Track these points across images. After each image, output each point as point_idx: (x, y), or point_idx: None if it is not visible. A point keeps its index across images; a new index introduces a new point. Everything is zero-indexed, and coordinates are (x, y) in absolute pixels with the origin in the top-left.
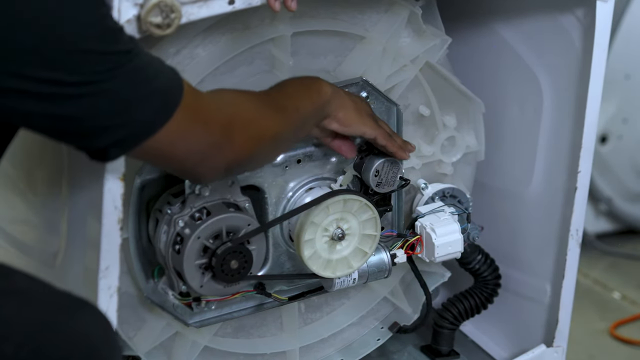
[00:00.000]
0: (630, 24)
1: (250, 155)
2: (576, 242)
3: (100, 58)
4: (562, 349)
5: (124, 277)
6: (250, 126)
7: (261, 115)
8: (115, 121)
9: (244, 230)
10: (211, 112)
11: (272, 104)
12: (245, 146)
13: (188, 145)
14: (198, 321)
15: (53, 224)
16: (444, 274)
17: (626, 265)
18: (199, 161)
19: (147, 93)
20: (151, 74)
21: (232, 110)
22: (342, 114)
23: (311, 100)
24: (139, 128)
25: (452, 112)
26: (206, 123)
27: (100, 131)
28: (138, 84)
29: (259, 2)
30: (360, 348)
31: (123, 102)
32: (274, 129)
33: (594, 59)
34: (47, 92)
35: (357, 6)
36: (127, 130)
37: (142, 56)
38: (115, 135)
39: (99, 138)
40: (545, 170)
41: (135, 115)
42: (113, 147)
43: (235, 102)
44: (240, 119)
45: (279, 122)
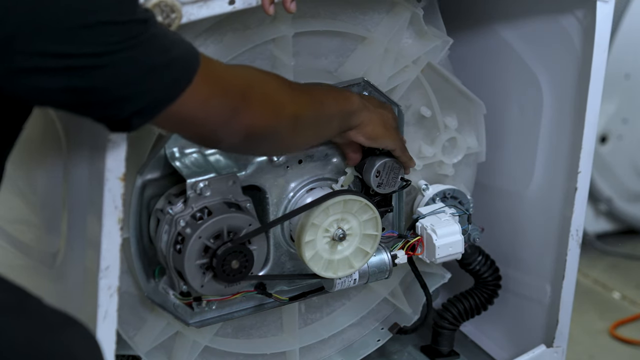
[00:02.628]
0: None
1: (267, 125)
2: (576, 242)
3: (117, 28)
4: (562, 349)
5: (124, 277)
6: (269, 97)
7: (281, 92)
8: (136, 89)
9: (245, 230)
10: (229, 79)
11: (296, 88)
12: (263, 115)
13: (208, 109)
14: (198, 321)
15: (53, 224)
16: (444, 275)
17: (626, 265)
18: (219, 125)
19: (165, 61)
20: (168, 42)
21: (252, 80)
22: (369, 129)
23: (337, 103)
24: (160, 95)
25: (453, 113)
26: (224, 88)
27: (123, 100)
28: (156, 52)
29: (259, 3)
30: (361, 349)
31: (142, 71)
32: (292, 108)
33: (594, 59)
34: (67, 66)
35: (359, 7)
36: (148, 98)
37: (158, 26)
38: (138, 103)
39: (122, 107)
40: (545, 171)
41: (155, 83)
42: (135, 116)
43: (256, 74)
44: (259, 88)
45: (299, 104)
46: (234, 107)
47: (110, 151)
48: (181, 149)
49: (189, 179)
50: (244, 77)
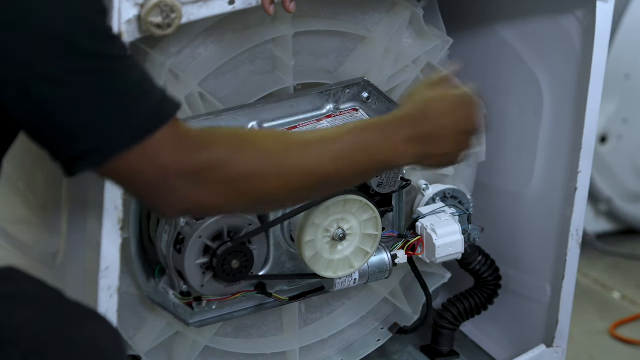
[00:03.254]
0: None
1: (220, 206)
2: (576, 242)
3: (86, 56)
4: (562, 349)
5: (124, 277)
6: (229, 180)
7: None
8: (84, 129)
9: (245, 230)
10: (188, 152)
11: (281, 165)
12: (216, 197)
13: (150, 177)
14: (199, 321)
15: (53, 224)
16: (445, 275)
17: (626, 265)
18: (158, 196)
19: (124, 109)
20: (136, 91)
21: (215, 158)
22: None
23: (367, 163)
24: (106, 144)
25: None
26: (178, 162)
27: (68, 138)
28: (117, 97)
29: (259, 3)
30: (361, 349)
31: (98, 111)
32: (264, 190)
33: (594, 59)
34: (20, 79)
35: (359, 7)
36: (93, 144)
37: (132, 72)
38: (82, 146)
39: (66, 147)
40: (545, 171)
41: (103, 128)
42: (80, 159)
43: (224, 150)
44: (219, 170)
45: (275, 185)
46: (180, 184)
47: None
48: None
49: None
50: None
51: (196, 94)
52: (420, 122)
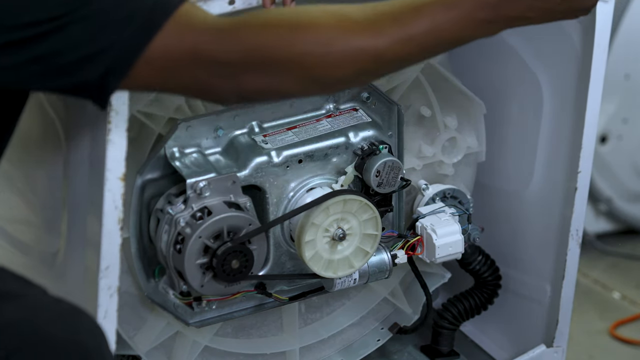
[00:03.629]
0: (630, 24)
1: (274, 92)
2: (576, 242)
3: None
4: (562, 349)
5: (124, 277)
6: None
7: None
8: (98, 45)
9: (245, 230)
10: (213, 31)
11: (327, 28)
12: (262, 85)
13: (181, 66)
14: (198, 321)
15: (53, 224)
16: (444, 275)
17: (626, 265)
18: (202, 86)
19: (128, 12)
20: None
21: (252, 44)
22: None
23: (432, 42)
24: (122, 48)
25: (453, 113)
26: (205, 42)
27: (88, 60)
28: (119, 3)
29: (259, 3)
30: (361, 349)
31: (102, 26)
32: (326, 73)
33: (594, 59)
34: (26, 37)
35: None
36: (114, 51)
37: None
38: (104, 60)
39: (90, 69)
40: (545, 171)
41: (115, 36)
42: (109, 76)
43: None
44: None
45: (334, 67)
46: (213, 71)
47: (110, 151)
48: (181, 148)
49: (189, 179)
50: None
51: None
52: (501, 7)
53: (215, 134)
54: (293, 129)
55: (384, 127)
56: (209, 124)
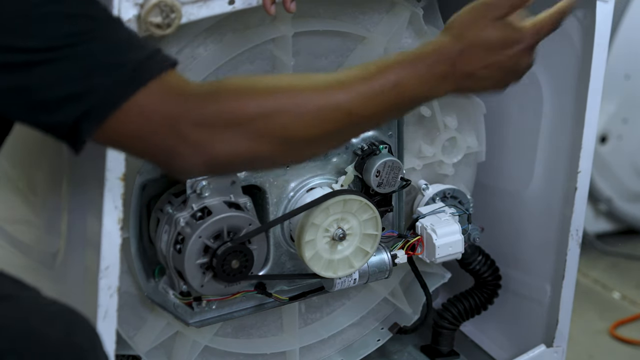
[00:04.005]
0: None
1: (245, 156)
2: (576, 242)
3: (65, 22)
4: (562, 349)
5: (124, 277)
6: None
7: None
8: (80, 88)
9: (245, 229)
10: (193, 98)
11: (304, 92)
12: (239, 147)
13: (156, 127)
14: (198, 321)
15: (53, 224)
16: (444, 275)
17: (626, 265)
18: (170, 153)
19: (116, 61)
20: (126, 45)
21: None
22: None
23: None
24: (104, 95)
25: (453, 112)
26: (185, 109)
27: (66, 101)
28: (108, 50)
29: (259, 3)
30: (361, 349)
31: (88, 68)
32: (298, 135)
33: (594, 59)
34: (7, 62)
35: (359, 6)
36: (92, 98)
37: (117, 28)
38: (81, 105)
39: (66, 110)
40: (545, 170)
41: (100, 81)
42: (83, 121)
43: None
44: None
45: (310, 131)
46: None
47: (110, 151)
48: None
49: (189, 179)
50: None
51: None
52: (458, 62)
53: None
54: None
55: (384, 127)
56: None
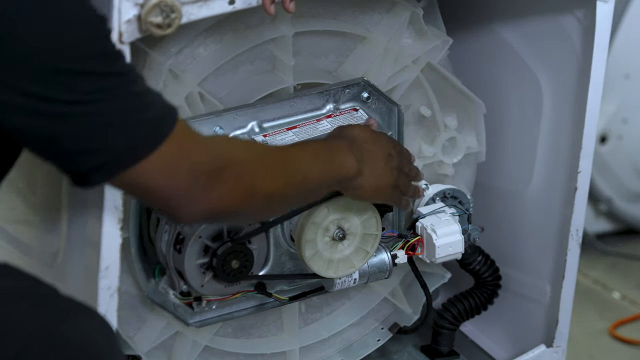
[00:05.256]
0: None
1: (236, 208)
2: (576, 242)
3: (93, 79)
4: (562, 349)
5: (124, 277)
6: (243, 180)
7: (258, 171)
8: (98, 145)
9: (245, 230)
10: (203, 154)
11: (279, 163)
12: (231, 198)
13: (170, 182)
14: (198, 321)
15: (53, 224)
16: (444, 275)
17: (626, 265)
18: (178, 202)
19: (136, 120)
20: (143, 102)
21: (227, 157)
22: (359, 192)
23: (328, 173)
24: (122, 155)
25: (453, 112)
26: (193, 163)
27: (83, 154)
28: (128, 110)
29: (259, 3)
30: (361, 348)
31: (109, 127)
32: (269, 189)
33: (594, 59)
34: (34, 108)
35: (359, 6)
36: (109, 156)
37: (137, 84)
38: (97, 159)
39: (81, 162)
40: (545, 170)
41: (120, 141)
42: (94, 172)
43: (235, 152)
44: (234, 169)
45: (278, 184)
46: (197, 186)
47: None
48: None
49: None
50: (220, 155)
51: (196, 94)
52: (351, 142)
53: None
54: (293, 129)
55: (384, 127)
56: (209, 124)
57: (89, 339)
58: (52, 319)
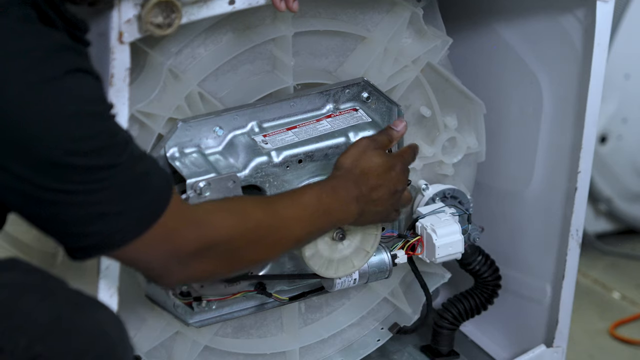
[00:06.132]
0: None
1: (219, 275)
2: (576, 242)
3: (87, 171)
4: (562, 349)
5: (124, 277)
6: (226, 256)
7: (246, 247)
8: (86, 230)
9: None
10: (186, 237)
11: (269, 236)
12: (213, 270)
13: (150, 263)
14: (198, 321)
15: None
16: (444, 275)
17: (626, 265)
18: (158, 274)
19: (125, 209)
20: (136, 188)
21: (213, 237)
22: (353, 224)
23: (323, 228)
24: (108, 240)
25: (453, 112)
26: (176, 248)
27: (70, 235)
28: (119, 200)
29: (259, 3)
30: (361, 348)
31: (98, 216)
32: (255, 259)
33: (594, 59)
34: (26, 191)
35: (359, 6)
36: (92, 240)
37: (132, 169)
38: (84, 242)
39: (66, 241)
40: (545, 170)
41: (107, 229)
42: (79, 252)
43: (221, 227)
44: (217, 248)
45: (265, 254)
46: (180, 262)
47: None
48: (181, 148)
49: (189, 179)
50: (206, 235)
51: (196, 94)
52: (361, 184)
53: (215, 134)
54: (293, 129)
55: (384, 127)
56: (209, 124)
57: (103, 330)
58: (64, 310)
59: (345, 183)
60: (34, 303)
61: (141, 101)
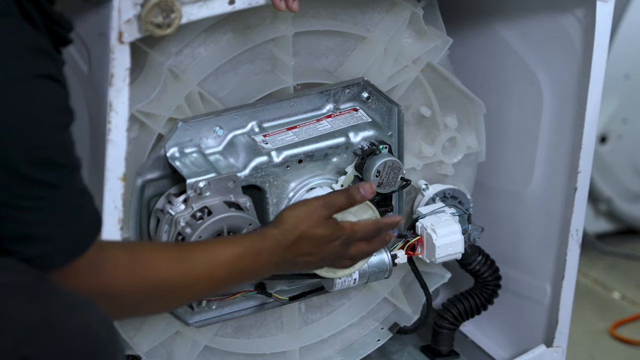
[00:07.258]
0: (630, 24)
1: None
2: (576, 242)
3: (25, 184)
4: (562, 349)
5: None
6: (115, 307)
7: (135, 302)
8: (14, 247)
9: (245, 229)
10: (83, 281)
11: (170, 288)
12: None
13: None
14: (198, 321)
15: None
16: (444, 275)
17: (626, 265)
18: None
19: (45, 235)
20: (67, 218)
21: (102, 288)
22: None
23: (235, 283)
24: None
25: (453, 112)
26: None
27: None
28: (45, 225)
29: (259, 3)
30: (360, 348)
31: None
32: (146, 313)
33: (594, 59)
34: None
35: (359, 6)
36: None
37: (68, 199)
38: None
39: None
40: (545, 170)
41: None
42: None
43: (117, 277)
44: (106, 298)
45: (158, 308)
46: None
47: (110, 151)
48: (181, 148)
49: (189, 179)
50: (107, 281)
51: (196, 94)
52: (291, 250)
53: (215, 134)
54: (293, 129)
55: (384, 127)
56: (209, 124)
57: (90, 330)
58: (52, 310)
59: (274, 248)
60: (23, 304)
61: (141, 101)
